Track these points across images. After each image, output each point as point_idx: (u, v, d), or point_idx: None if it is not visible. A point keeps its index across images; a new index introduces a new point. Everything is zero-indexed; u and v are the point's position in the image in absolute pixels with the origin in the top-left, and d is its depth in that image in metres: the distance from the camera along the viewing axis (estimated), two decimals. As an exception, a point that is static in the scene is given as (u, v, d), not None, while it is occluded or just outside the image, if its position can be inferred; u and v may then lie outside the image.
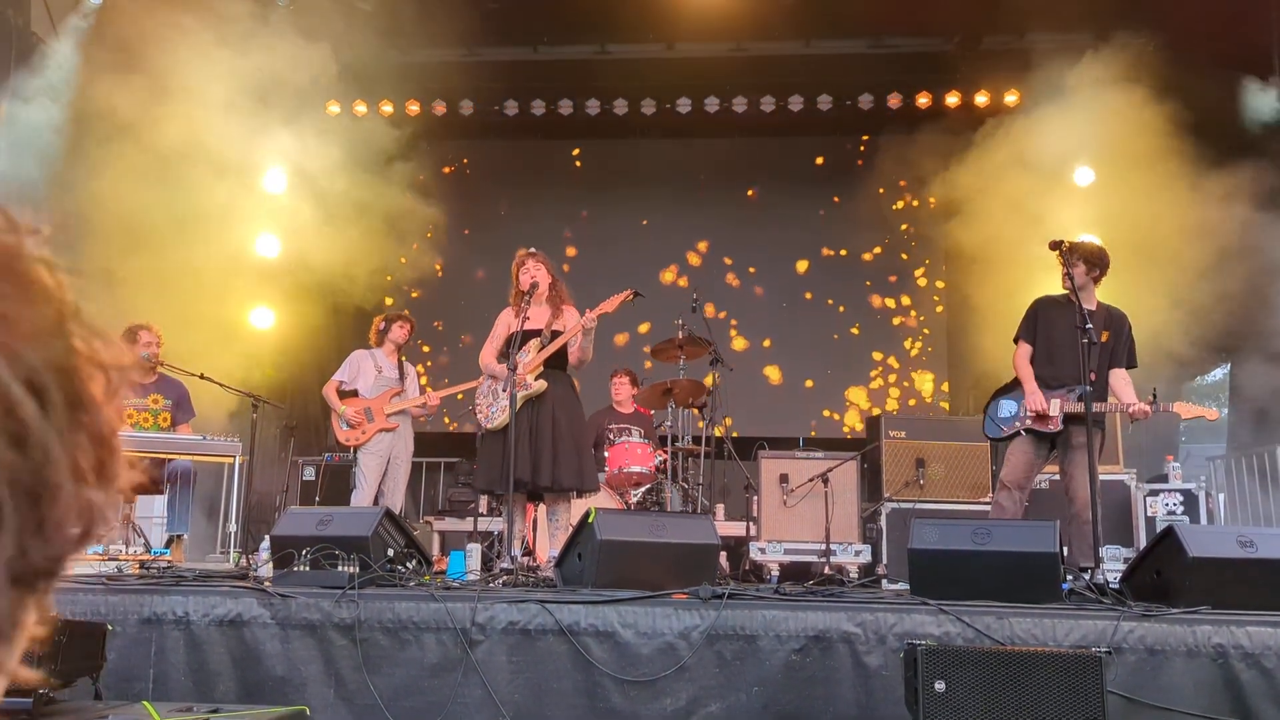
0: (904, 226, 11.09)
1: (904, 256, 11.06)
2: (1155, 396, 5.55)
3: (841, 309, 11.11)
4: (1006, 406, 5.91)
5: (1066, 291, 5.93)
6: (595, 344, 6.15)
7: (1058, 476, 6.09)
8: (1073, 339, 5.80)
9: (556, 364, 6.03)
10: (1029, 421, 5.76)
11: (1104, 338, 5.83)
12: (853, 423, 10.83)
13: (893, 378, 11.03)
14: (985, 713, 3.01)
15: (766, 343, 11.11)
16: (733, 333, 11.06)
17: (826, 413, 10.94)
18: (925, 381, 10.98)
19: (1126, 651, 3.66)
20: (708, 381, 7.66)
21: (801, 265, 11.22)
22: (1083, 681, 3.00)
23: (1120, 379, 5.83)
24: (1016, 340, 6.08)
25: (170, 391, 7.00)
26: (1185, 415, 5.68)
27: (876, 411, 10.14)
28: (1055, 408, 5.69)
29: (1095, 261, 5.81)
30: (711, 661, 3.89)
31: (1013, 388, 5.98)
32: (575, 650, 3.92)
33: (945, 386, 10.94)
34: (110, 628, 3.81)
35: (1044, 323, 5.97)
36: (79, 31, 8.32)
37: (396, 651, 4.00)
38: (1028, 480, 5.84)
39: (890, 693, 3.73)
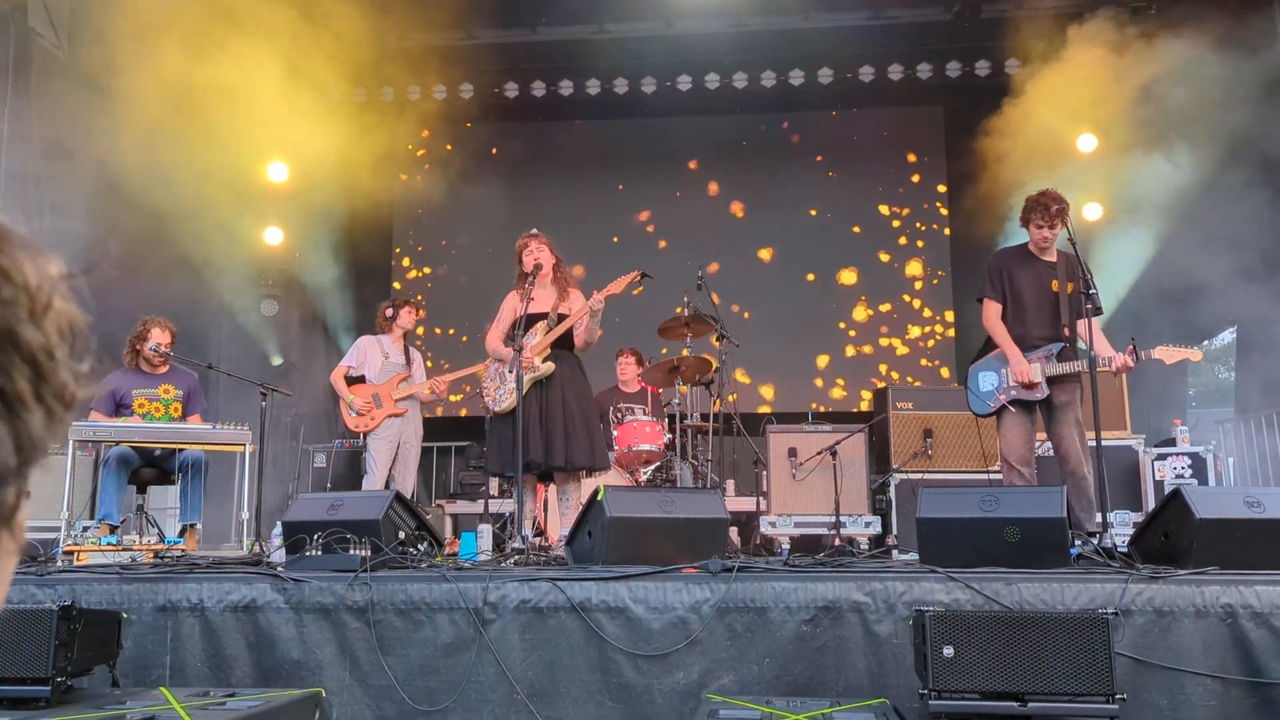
0: (901, 190, 11.09)
1: (914, 217, 11.06)
2: (1135, 346, 5.44)
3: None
4: (986, 379, 5.81)
5: (1026, 243, 5.88)
6: (602, 323, 6.16)
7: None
8: (1040, 296, 5.76)
9: (563, 344, 6.05)
10: (1014, 393, 5.68)
11: (1070, 288, 5.76)
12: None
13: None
14: (994, 676, 3.03)
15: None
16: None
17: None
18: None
19: (1135, 613, 3.68)
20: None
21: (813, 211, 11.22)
22: (1090, 643, 3.01)
23: (1087, 329, 5.75)
24: (982, 299, 5.97)
25: (182, 382, 7.04)
26: (1169, 360, 5.54)
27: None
28: (1037, 372, 5.64)
29: (1067, 215, 5.76)
30: (723, 634, 3.92)
31: (987, 353, 5.88)
32: (587, 627, 3.95)
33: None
34: (125, 615, 3.85)
35: (1008, 280, 5.86)
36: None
37: (410, 632, 4.03)
38: (1031, 452, 5.76)
39: (901, 660, 3.75)
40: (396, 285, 11.17)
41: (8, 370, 0.48)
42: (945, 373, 10.72)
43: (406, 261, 11.43)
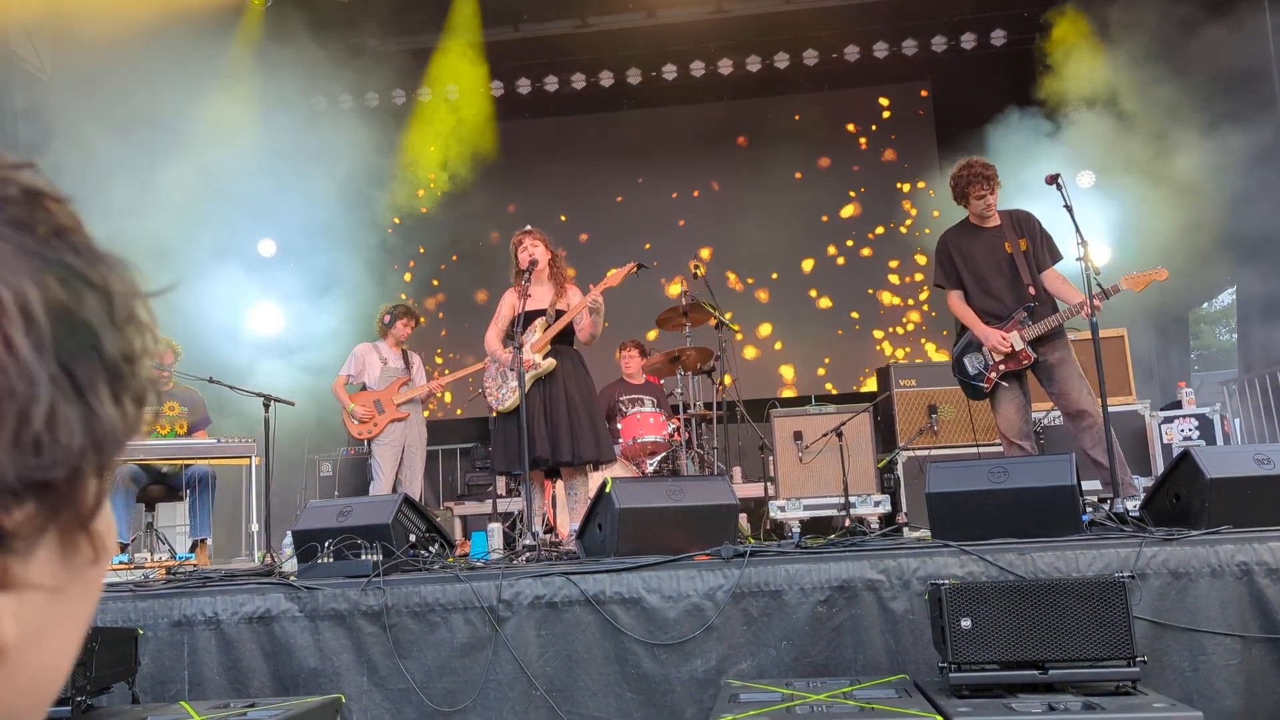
0: (898, 184, 11.05)
1: (905, 206, 11.01)
2: (1101, 285, 5.37)
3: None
4: (972, 363, 5.79)
5: (965, 218, 5.86)
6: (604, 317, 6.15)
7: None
8: (996, 263, 5.73)
9: (563, 339, 6.04)
10: (1001, 368, 5.65)
11: (1023, 245, 5.72)
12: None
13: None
14: (1013, 646, 3.02)
15: (763, 299, 11.15)
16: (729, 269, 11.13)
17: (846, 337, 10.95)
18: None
19: (1151, 576, 3.67)
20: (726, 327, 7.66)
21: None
22: (1108, 607, 3.00)
23: (1055, 279, 5.67)
24: (939, 287, 5.95)
25: (185, 399, 7.04)
26: (1138, 287, 5.47)
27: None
28: (1017, 340, 5.60)
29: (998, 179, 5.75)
30: (739, 620, 3.91)
31: (966, 338, 5.85)
32: (603, 619, 3.94)
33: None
34: (140, 632, 3.85)
35: (961, 259, 5.82)
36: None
37: (426, 634, 4.02)
38: (1028, 424, 5.74)
39: (919, 636, 3.74)
40: (404, 290, 11.14)
41: (89, 374, 0.53)
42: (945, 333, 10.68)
43: (398, 260, 11.41)
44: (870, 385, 10.12)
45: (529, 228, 6.20)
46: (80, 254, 0.54)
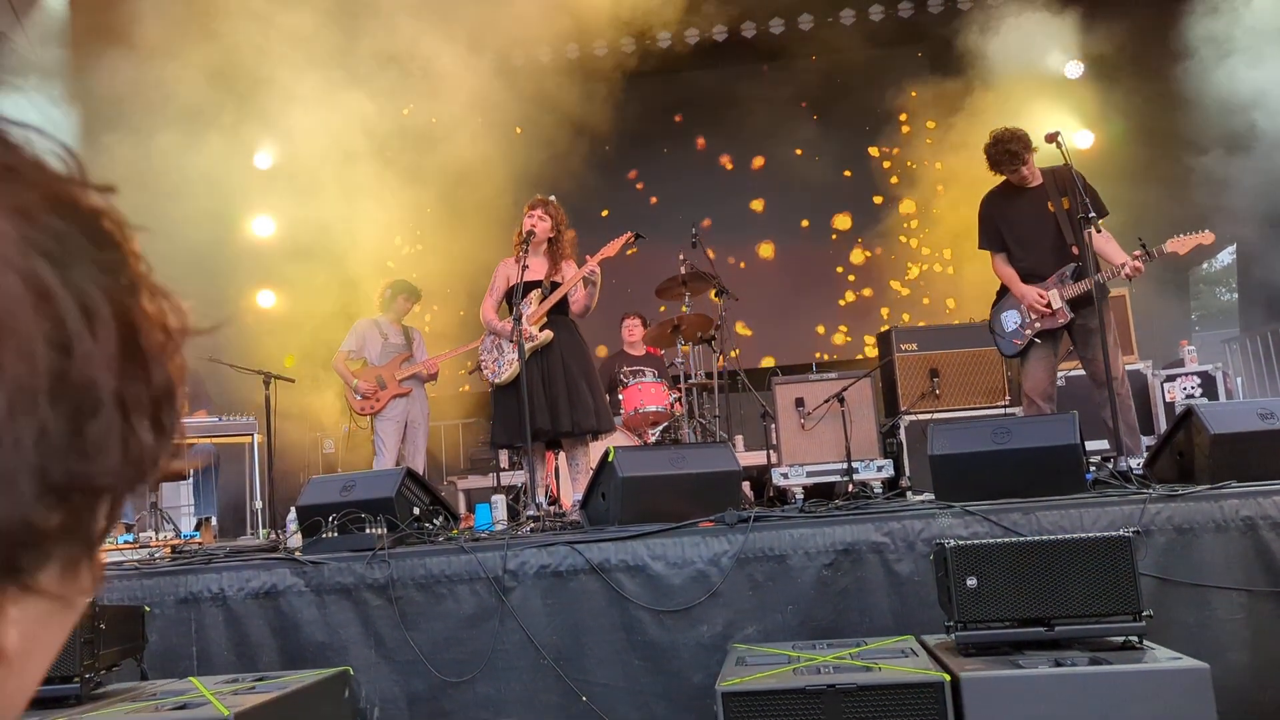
0: (895, 149, 10.97)
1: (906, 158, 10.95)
2: (1145, 246, 5.35)
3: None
4: (1010, 319, 5.77)
5: (1006, 178, 5.81)
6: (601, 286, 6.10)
7: (1075, 372, 6.01)
8: (1039, 224, 5.69)
9: (558, 310, 6.01)
10: (1038, 325, 5.64)
11: (1065, 204, 5.67)
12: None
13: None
14: (1019, 604, 3.02)
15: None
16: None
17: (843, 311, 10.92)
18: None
19: (1155, 533, 3.67)
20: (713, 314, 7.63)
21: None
22: (1113, 563, 3.00)
23: (1098, 238, 5.55)
24: (983, 249, 5.91)
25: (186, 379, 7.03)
26: (1183, 250, 5.43)
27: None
28: (1055, 299, 5.58)
29: (1031, 145, 5.69)
30: (744, 585, 3.91)
31: (1006, 296, 5.83)
32: (608, 587, 3.94)
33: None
34: (147, 609, 3.85)
35: (1003, 220, 5.79)
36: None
37: (432, 606, 4.03)
38: (1052, 385, 5.72)
39: (924, 598, 3.75)
40: (391, 264, 11.09)
41: (128, 381, 0.52)
42: (951, 303, 10.60)
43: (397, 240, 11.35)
44: (871, 348, 10.11)
45: (550, 198, 6.16)
46: (151, 288, 0.54)
